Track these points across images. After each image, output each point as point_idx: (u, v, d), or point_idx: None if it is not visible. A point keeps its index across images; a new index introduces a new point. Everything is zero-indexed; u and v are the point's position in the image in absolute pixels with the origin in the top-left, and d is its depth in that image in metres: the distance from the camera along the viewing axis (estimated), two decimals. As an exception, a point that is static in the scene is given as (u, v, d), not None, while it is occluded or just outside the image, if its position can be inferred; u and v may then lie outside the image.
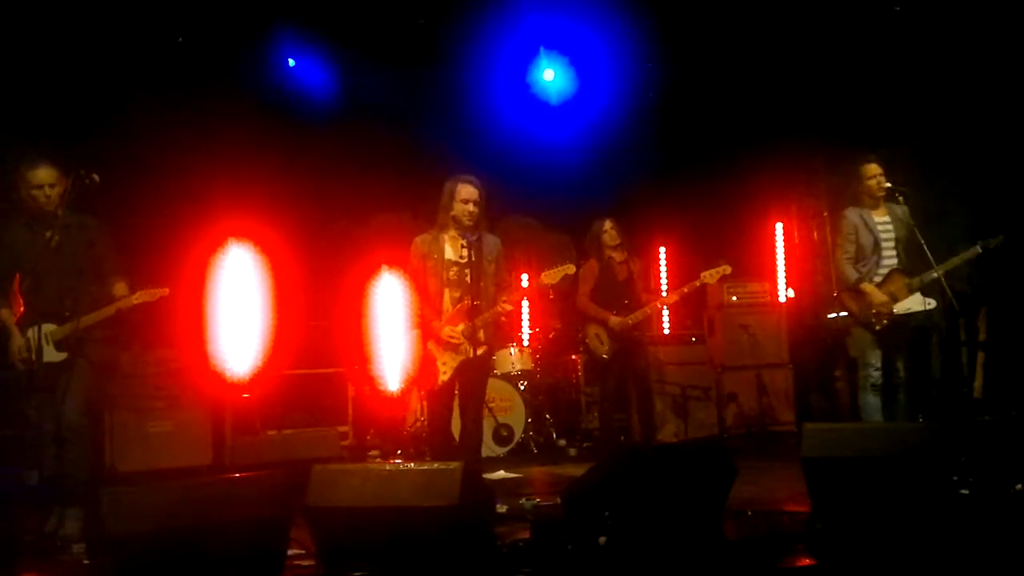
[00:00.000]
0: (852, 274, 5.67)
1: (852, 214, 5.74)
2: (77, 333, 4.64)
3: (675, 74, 7.81)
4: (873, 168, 5.71)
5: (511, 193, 7.76)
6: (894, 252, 5.63)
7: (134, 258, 5.25)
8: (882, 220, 5.68)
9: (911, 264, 5.55)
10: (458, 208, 5.11)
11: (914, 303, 5.51)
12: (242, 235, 6.66)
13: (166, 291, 4.86)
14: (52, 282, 4.67)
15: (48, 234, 4.66)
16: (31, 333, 4.60)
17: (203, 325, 6.43)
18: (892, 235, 5.64)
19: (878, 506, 4.15)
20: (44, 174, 4.71)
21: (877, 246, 5.65)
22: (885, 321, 5.52)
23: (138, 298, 4.77)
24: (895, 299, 5.56)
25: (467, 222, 5.10)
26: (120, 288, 4.83)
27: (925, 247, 5.37)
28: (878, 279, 5.64)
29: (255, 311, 6.85)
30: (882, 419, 5.58)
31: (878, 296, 5.54)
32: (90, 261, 4.81)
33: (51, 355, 4.64)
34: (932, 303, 5.46)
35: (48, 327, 4.65)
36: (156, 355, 6.74)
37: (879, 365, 5.60)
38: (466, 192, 5.12)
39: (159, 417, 6.59)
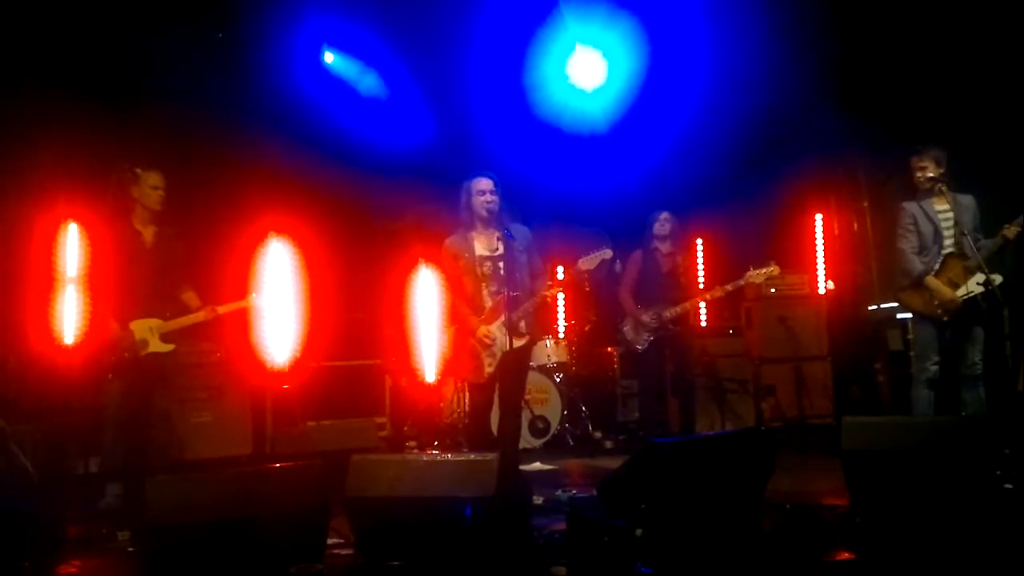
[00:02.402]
0: (917, 266, 5.56)
1: (910, 206, 5.66)
2: (196, 331, 5.29)
3: (712, 65, 7.74)
4: (913, 161, 5.64)
5: (546, 186, 7.76)
6: (953, 240, 5.52)
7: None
8: (942, 208, 5.57)
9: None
10: (476, 201, 5.18)
11: (974, 285, 5.41)
12: (281, 229, 6.74)
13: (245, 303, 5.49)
14: (148, 279, 5.10)
15: (146, 233, 5.17)
16: (136, 325, 5.03)
17: (244, 317, 6.51)
18: (952, 221, 5.51)
19: (919, 500, 4.11)
20: (158, 177, 5.19)
21: (938, 234, 5.55)
22: (951, 310, 5.46)
23: (227, 308, 5.39)
24: (955, 285, 5.46)
25: (489, 212, 5.14)
26: (190, 297, 5.31)
27: (969, 238, 5.33)
28: (936, 266, 5.53)
29: (294, 304, 6.92)
30: (933, 415, 5.50)
31: (946, 293, 5.45)
32: (173, 264, 5.27)
33: (158, 346, 5.12)
34: (998, 278, 5.36)
35: (153, 321, 5.09)
36: (198, 347, 6.85)
37: (937, 360, 5.51)
38: (481, 184, 5.20)
39: (201, 408, 6.68)
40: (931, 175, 5.55)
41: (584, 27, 7.88)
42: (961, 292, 5.45)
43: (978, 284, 5.40)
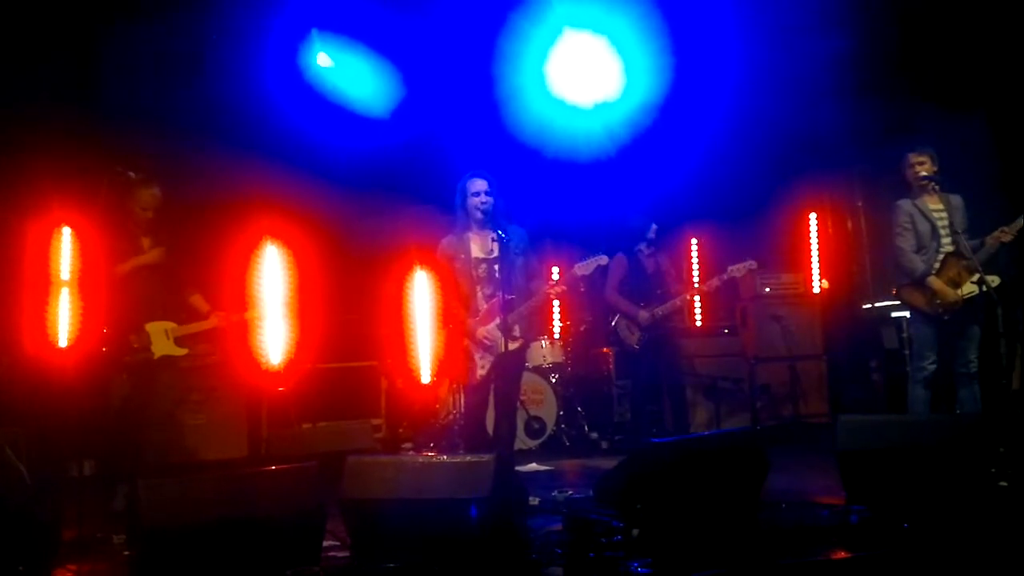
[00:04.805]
0: (919, 265, 5.58)
1: (905, 204, 5.68)
2: (194, 334, 5.35)
3: (702, 62, 7.72)
4: (912, 157, 5.66)
5: (537, 189, 7.73)
6: (950, 239, 5.55)
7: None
8: (936, 207, 5.61)
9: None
10: (471, 202, 5.18)
11: (973, 285, 5.45)
12: (275, 233, 6.74)
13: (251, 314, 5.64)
14: (154, 283, 5.24)
15: (145, 239, 5.29)
16: (151, 327, 5.17)
17: (239, 320, 6.51)
18: (947, 220, 5.56)
19: (914, 499, 4.12)
20: (149, 195, 5.29)
21: (935, 233, 5.58)
22: (952, 309, 5.49)
23: (239, 317, 5.55)
24: (956, 285, 5.49)
25: (484, 213, 5.13)
26: (198, 300, 5.43)
27: (960, 237, 5.37)
28: (936, 266, 5.57)
29: (289, 306, 6.91)
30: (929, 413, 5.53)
31: (949, 294, 5.47)
32: (177, 268, 5.40)
33: (172, 349, 5.26)
34: (996, 280, 5.40)
35: (168, 324, 5.22)
36: (194, 349, 6.82)
37: (934, 359, 5.54)
38: (476, 185, 5.20)
39: (196, 410, 6.66)
40: (927, 173, 5.57)
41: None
42: (962, 292, 5.48)
43: (974, 284, 5.42)
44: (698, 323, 8.66)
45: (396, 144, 7.74)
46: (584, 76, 7.61)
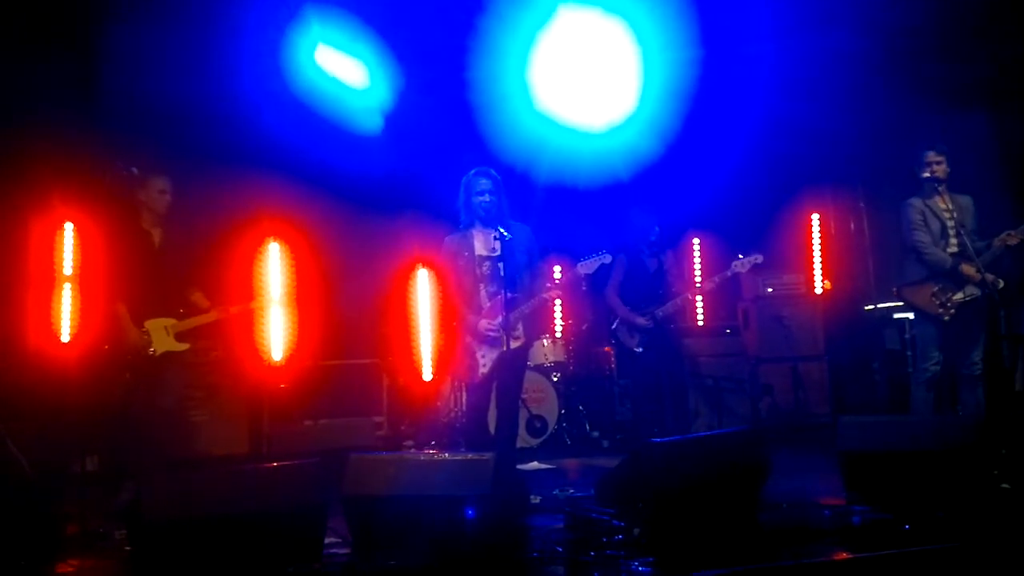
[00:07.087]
0: (945, 256, 5.56)
1: (916, 202, 5.67)
2: (195, 329, 5.33)
3: (708, 60, 7.71)
4: (930, 156, 5.64)
5: (538, 187, 7.72)
6: (956, 240, 5.55)
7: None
8: (944, 208, 5.61)
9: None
10: (474, 200, 5.15)
11: (976, 288, 5.45)
12: (279, 230, 6.73)
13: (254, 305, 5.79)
14: (160, 279, 5.21)
15: (154, 234, 5.28)
16: (151, 324, 5.14)
17: (243, 316, 6.52)
18: (953, 222, 5.55)
19: (915, 500, 4.12)
20: (164, 182, 5.30)
21: (944, 233, 5.59)
22: (953, 311, 5.47)
23: (238, 308, 5.56)
24: (961, 285, 5.49)
25: (487, 212, 5.13)
26: (199, 297, 5.39)
27: (967, 239, 5.36)
28: None
29: (291, 302, 6.93)
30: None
31: (976, 276, 5.43)
32: (182, 265, 5.36)
33: (173, 345, 5.22)
34: (1000, 283, 5.40)
35: (168, 320, 5.19)
36: (195, 345, 6.82)
37: (938, 360, 5.53)
38: (480, 184, 5.17)
39: (198, 406, 6.66)
40: (941, 174, 5.56)
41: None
42: (969, 292, 5.46)
43: (978, 287, 5.41)
44: (700, 323, 8.66)
45: (400, 144, 7.73)
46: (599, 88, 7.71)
